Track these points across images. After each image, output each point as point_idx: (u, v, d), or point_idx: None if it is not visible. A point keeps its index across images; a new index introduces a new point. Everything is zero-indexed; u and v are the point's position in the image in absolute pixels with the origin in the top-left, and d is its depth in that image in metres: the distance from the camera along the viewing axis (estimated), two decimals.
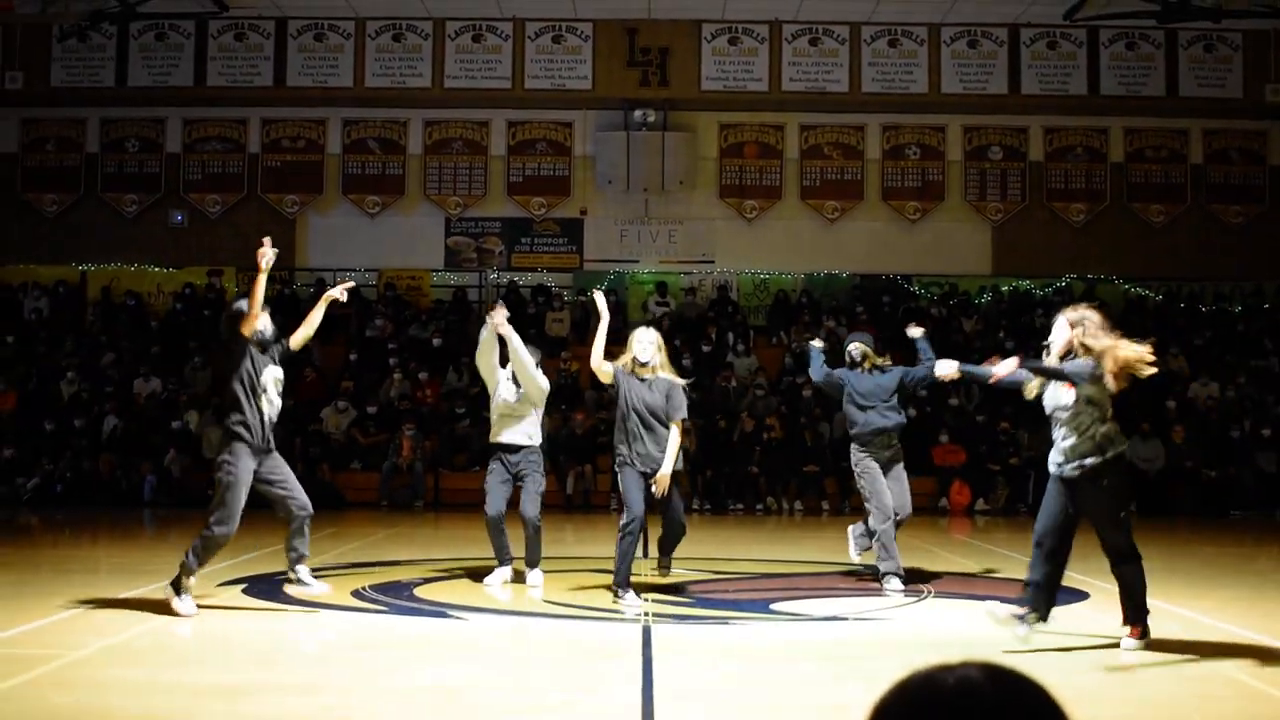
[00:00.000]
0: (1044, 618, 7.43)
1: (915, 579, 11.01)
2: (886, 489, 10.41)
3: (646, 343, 9.63)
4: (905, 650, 7.59)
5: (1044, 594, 7.41)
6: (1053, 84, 25.07)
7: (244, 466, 8.39)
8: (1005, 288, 25.20)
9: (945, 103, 25.13)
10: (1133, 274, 25.21)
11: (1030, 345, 22.93)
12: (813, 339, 11.70)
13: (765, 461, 20.11)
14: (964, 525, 18.20)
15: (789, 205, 25.45)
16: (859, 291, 24.94)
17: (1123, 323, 24.10)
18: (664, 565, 10.50)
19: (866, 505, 10.45)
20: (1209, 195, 25.39)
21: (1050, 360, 7.63)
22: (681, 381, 9.69)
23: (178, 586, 8.47)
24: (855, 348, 11.09)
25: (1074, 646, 7.40)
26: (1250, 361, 22.95)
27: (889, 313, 24.61)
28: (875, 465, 10.50)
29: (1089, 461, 7.34)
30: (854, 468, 10.69)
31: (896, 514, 10.46)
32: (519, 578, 10.51)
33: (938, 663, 1.72)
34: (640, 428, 9.38)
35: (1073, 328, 7.69)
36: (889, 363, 11.18)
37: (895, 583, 10.20)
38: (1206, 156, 25.48)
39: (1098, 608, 9.24)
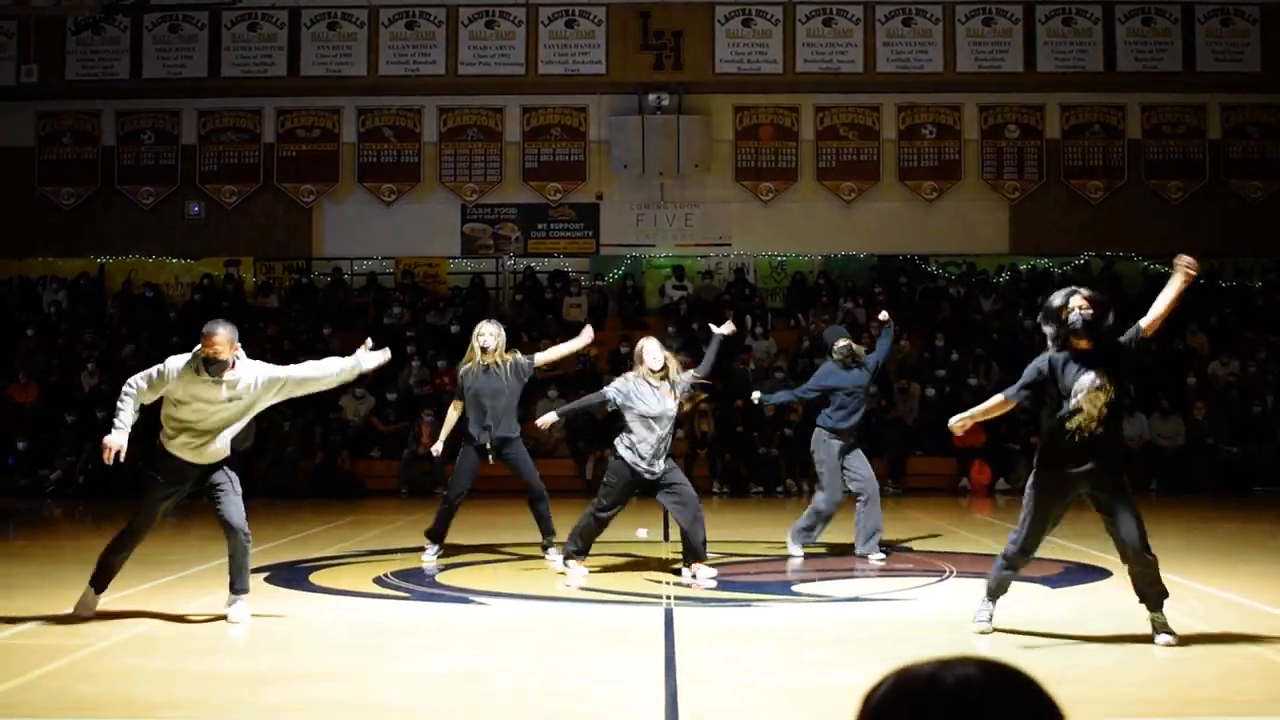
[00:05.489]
0: None
1: (936, 559, 11.03)
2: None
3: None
4: (926, 631, 7.58)
5: None
6: (1069, 61, 24.95)
7: None
8: (1023, 266, 25.11)
9: (961, 81, 25.03)
10: (1151, 251, 25.06)
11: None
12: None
13: (785, 444, 20.10)
14: (985, 505, 18.17)
15: (805, 187, 25.39)
16: (876, 272, 24.88)
17: (1142, 300, 24.11)
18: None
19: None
20: (1228, 170, 25.24)
21: None
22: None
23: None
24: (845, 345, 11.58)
25: (1094, 624, 7.38)
26: (1270, 337, 22.82)
27: (907, 293, 24.56)
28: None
29: None
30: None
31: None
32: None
33: (936, 658, 1.72)
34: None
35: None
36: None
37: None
38: (1225, 131, 25.33)
39: (1119, 586, 9.21)
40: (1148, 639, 7.10)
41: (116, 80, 25.11)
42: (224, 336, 7.85)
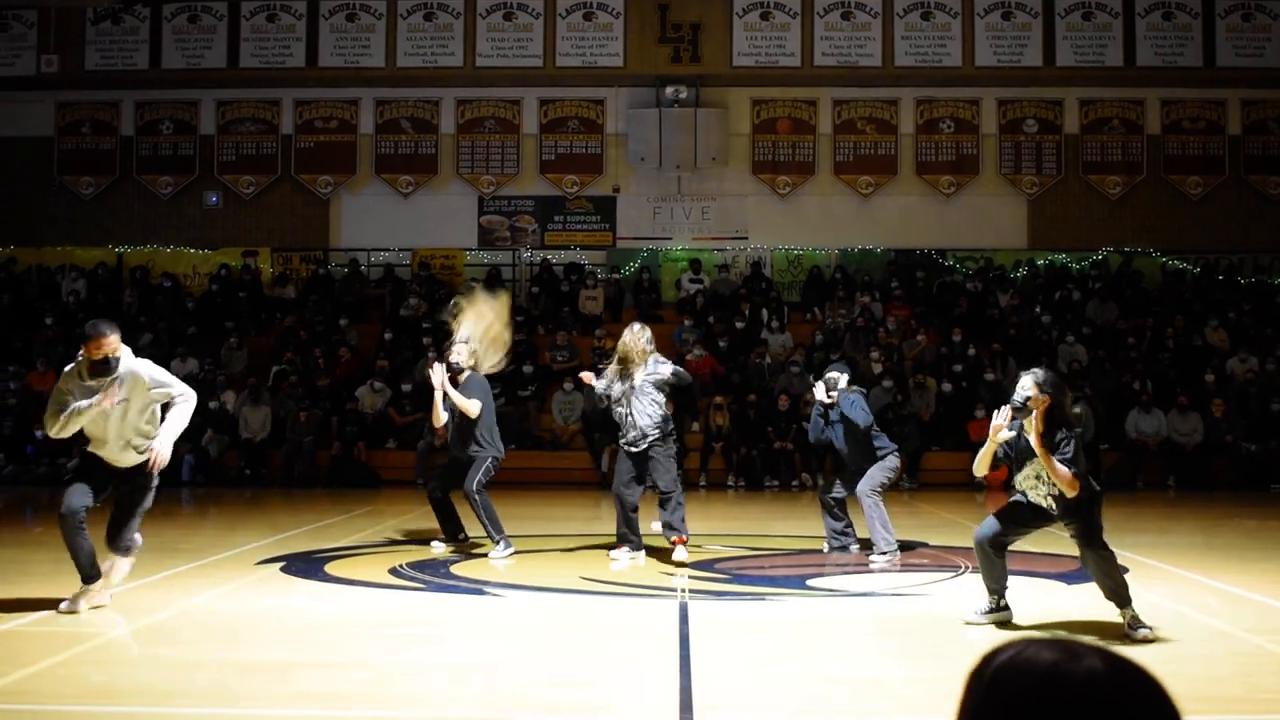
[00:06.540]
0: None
1: (952, 555, 11.01)
2: None
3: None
4: (941, 625, 7.57)
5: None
6: (1088, 56, 24.85)
7: None
8: (1041, 261, 25.03)
9: (979, 76, 24.95)
10: (1170, 247, 25.00)
11: (1067, 317, 22.84)
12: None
13: (800, 438, 20.05)
14: (1000, 500, 18.08)
15: (822, 181, 25.34)
16: (893, 267, 24.82)
17: (1161, 296, 24.04)
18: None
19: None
20: (1247, 166, 25.11)
21: None
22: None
23: None
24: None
25: (1109, 620, 7.35)
26: None
27: (923, 288, 24.50)
28: None
29: None
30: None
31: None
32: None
33: (1061, 642, 1.70)
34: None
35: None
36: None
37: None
38: (1245, 127, 25.20)
39: (1134, 583, 9.17)
40: (1164, 635, 7.08)
41: (135, 70, 25.18)
42: (114, 338, 7.60)
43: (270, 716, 5.44)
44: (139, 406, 7.79)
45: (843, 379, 11.11)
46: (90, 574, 7.82)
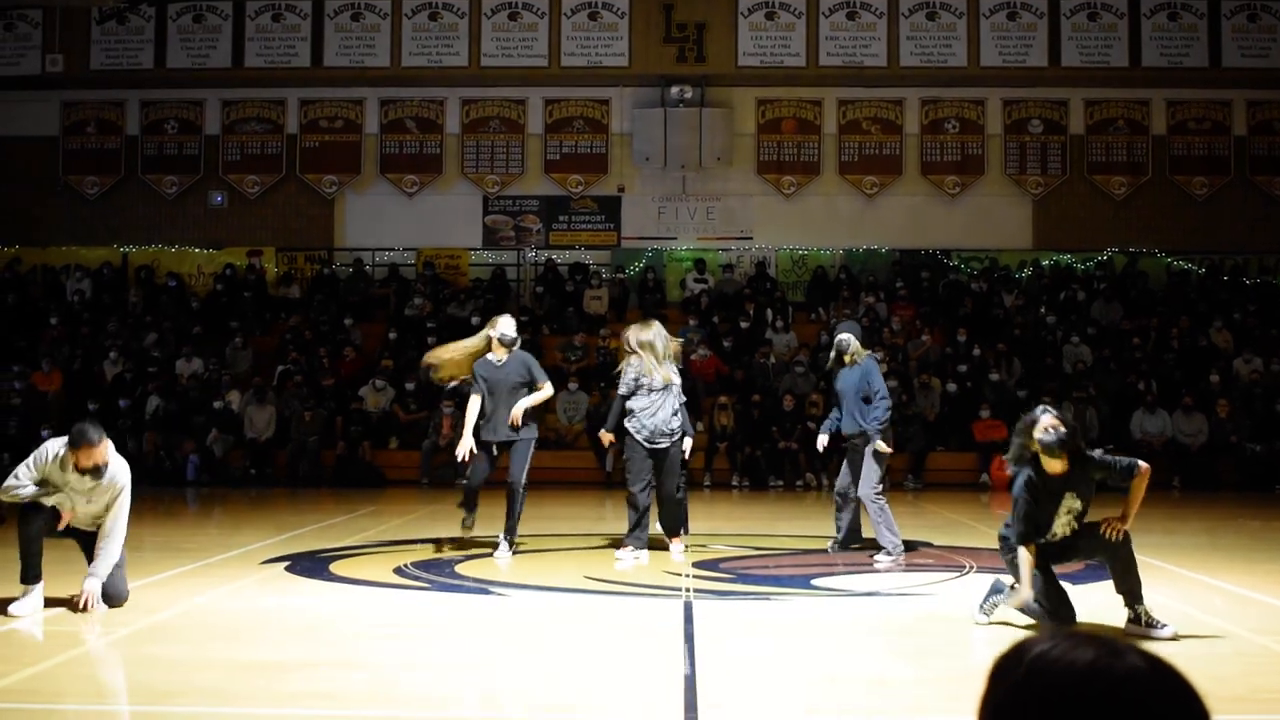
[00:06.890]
0: None
1: (956, 554, 11.00)
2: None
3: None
4: (947, 625, 7.56)
5: None
6: (1093, 56, 24.81)
7: None
8: (1046, 262, 24.99)
9: (985, 76, 24.92)
10: (1175, 247, 24.95)
11: (1071, 317, 22.79)
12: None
13: (805, 438, 20.03)
14: (1006, 500, 18.07)
15: (827, 181, 25.31)
16: (898, 267, 24.80)
17: (1166, 297, 23.99)
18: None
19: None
20: (1253, 167, 25.06)
21: None
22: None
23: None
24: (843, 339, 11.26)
25: (1116, 621, 7.33)
26: None
27: (928, 288, 24.48)
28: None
29: None
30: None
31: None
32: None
33: (1099, 638, 1.69)
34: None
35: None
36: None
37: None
38: (1250, 128, 25.15)
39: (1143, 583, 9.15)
40: (1174, 634, 7.07)
41: (140, 70, 25.19)
42: (103, 446, 7.50)
43: (271, 716, 5.43)
44: (104, 502, 7.77)
45: (855, 340, 11.08)
46: (36, 574, 7.74)
